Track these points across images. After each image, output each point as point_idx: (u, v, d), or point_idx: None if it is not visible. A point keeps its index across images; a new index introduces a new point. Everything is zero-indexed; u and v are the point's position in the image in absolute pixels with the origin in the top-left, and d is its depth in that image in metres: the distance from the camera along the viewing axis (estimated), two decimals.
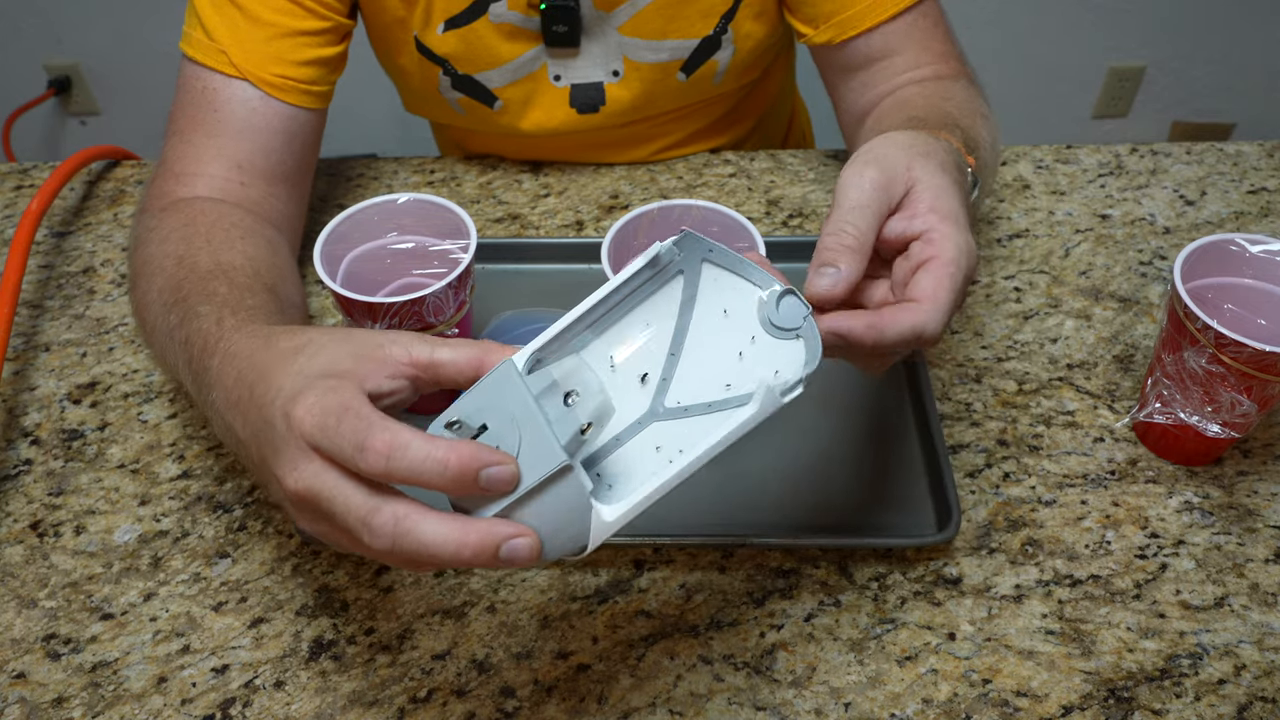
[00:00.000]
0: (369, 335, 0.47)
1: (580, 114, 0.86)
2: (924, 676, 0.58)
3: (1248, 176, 0.89)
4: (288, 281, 0.67)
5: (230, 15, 0.73)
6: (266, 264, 0.66)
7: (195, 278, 0.61)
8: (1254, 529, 0.65)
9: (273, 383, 0.46)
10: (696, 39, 0.82)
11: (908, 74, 0.78)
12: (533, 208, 0.88)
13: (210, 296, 0.58)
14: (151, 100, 0.74)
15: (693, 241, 0.48)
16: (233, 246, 0.65)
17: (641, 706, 0.57)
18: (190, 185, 0.72)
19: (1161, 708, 0.57)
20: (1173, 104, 2.28)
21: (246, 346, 0.51)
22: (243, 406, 0.48)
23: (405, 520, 0.42)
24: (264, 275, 0.64)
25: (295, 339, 0.48)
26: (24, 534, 0.67)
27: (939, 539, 0.62)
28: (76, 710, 0.58)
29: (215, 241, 0.65)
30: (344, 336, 0.47)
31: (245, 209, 0.72)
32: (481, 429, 0.43)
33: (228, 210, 0.70)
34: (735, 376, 0.47)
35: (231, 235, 0.66)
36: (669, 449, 0.47)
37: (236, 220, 0.69)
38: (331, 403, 0.43)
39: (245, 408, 0.48)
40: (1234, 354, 0.59)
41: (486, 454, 0.41)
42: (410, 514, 0.42)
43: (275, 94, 0.73)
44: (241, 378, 0.49)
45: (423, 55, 0.83)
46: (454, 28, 0.80)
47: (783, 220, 0.86)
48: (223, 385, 0.51)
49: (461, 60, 0.82)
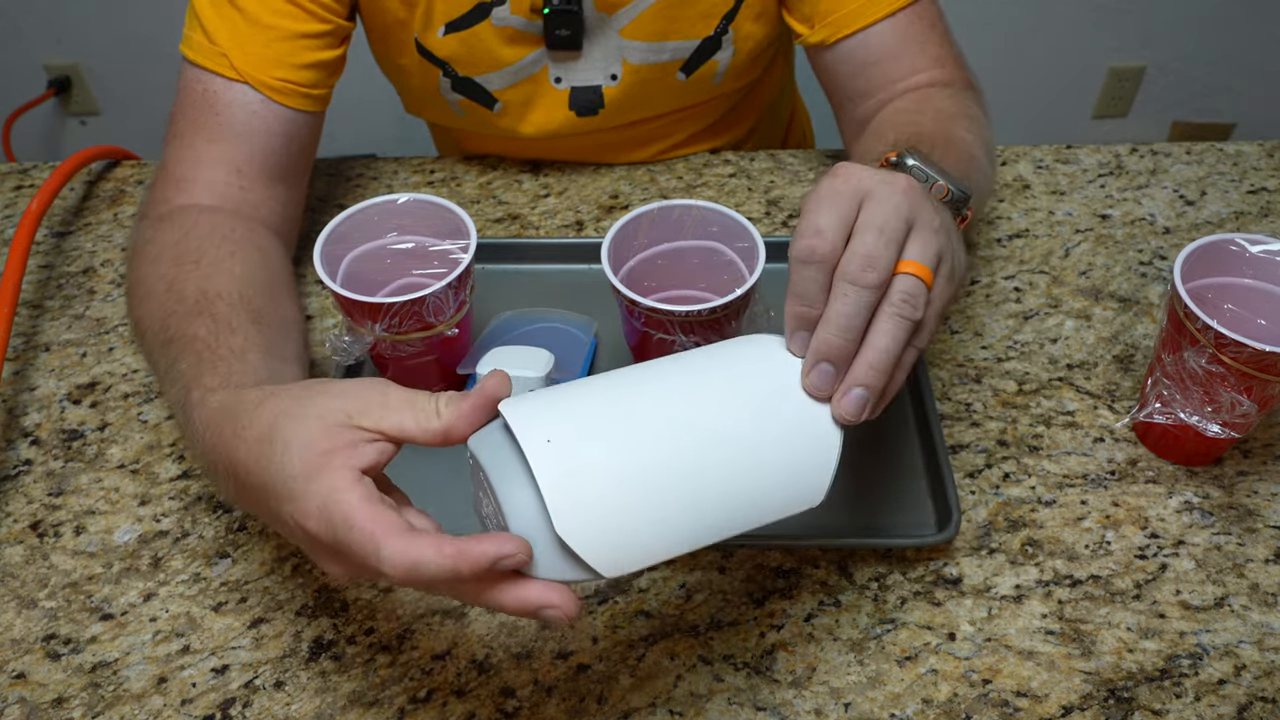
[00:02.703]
0: (335, 403, 0.47)
1: (580, 116, 0.86)
2: (924, 677, 0.58)
3: (1248, 176, 0.90)
4: (277, 297, 0.67)
5: (231, 18, 0.72)
6: (257, 283, 0.65)
7: (181, 312, 0.62)
8: (1254, 529, 0.65)
9: (265, 485, 0.47)
10: (697, 40, 0.82)
11: (904, 80, 0.78)
12: (533, 208, 0.88)
13: (189, 345, 0.59)
14: (151, 100, 0.74)
15: None
16: (221, 267, 0.65)
17: (641, 707, 0.57)
18: (189, 191, 0.72)
19: (1161, 708, 0.57)
20: (1173, 104, 2.28)
21: (215, 432, 0.52)
22: (246, 499, 0.51)
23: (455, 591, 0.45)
24: (252, 300, 0.63)
25: (259, 425, 0.48)
26: (24, 534, 0.67)
27: (939, 539, 0.62)
28: (76, 710, 0.58)
29: (204, 263, 0.65)
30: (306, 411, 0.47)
31: (243, 215, 0.72)
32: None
33: (223, 220, 0.70)
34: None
35: (222, 253, 0.66)
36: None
37: (229, 232, 0.68)
38: (336, 516, 0.44)
39: (252, 503, 0.51)
40: (1234, 354, 0.59)
41: (493, 548, 0.42)
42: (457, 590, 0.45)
43: (276, 97, 0.73)
44: (229, 470, 0.51)
45: (423, 57, 0.83)
46: (455, 31, 0.80)
47: (783, 220, 0.86)
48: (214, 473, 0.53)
49: (462, 63, 0.82)
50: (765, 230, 0.85)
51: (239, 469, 0.49)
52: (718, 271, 0.69)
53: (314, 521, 0.45)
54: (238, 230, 0.69)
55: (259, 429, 0.48)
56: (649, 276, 0.70)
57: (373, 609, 0.62)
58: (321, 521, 0.44)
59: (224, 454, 0.50)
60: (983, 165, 0.69)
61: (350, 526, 0.43)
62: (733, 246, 0.68)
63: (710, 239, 0.69)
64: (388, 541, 0.43)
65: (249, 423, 0.49)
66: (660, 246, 0.69)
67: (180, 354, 0.59)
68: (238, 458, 0.49)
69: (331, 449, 0.45)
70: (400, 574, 0.43)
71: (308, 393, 0.49)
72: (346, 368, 0.72)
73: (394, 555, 0.42)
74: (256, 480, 0.48)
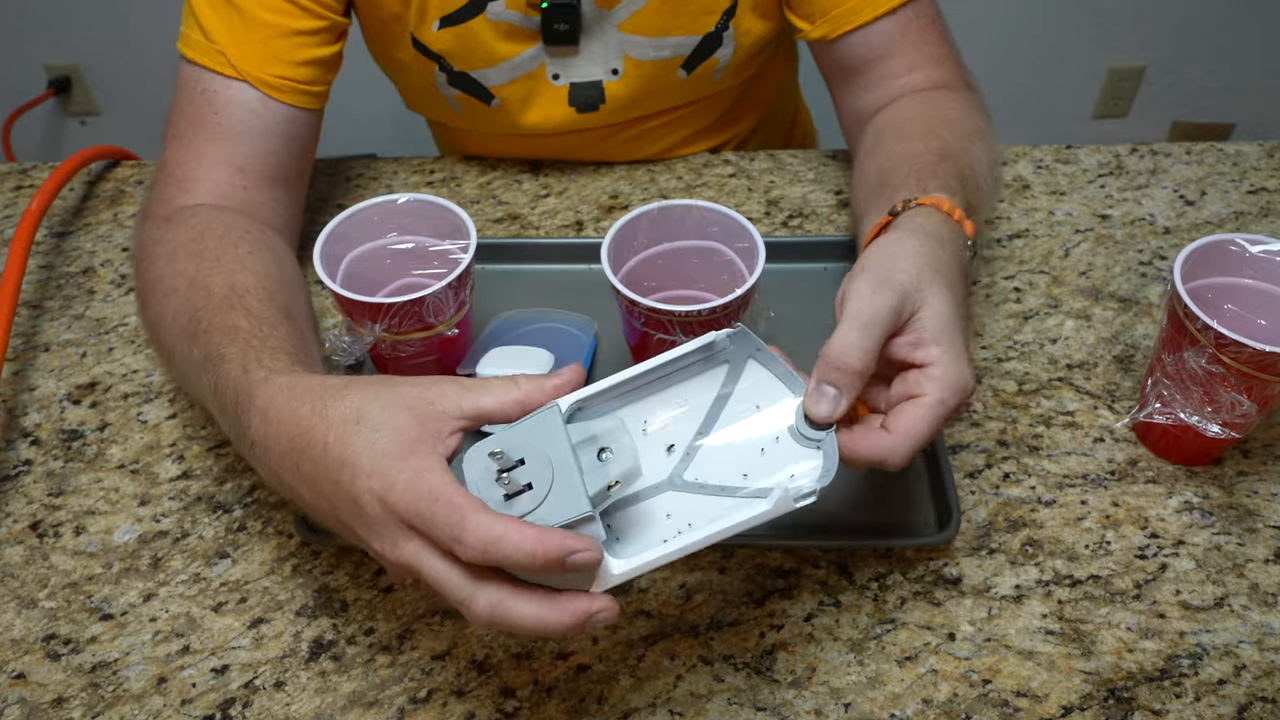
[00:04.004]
0: (417, 391, 0.49)
1: (580, 113, 0.86)
2: (924, 677, 0.58)
3: (1248, 176, 0.89)
4: (297, 296, 0.67)
5: (227, 16, 0.72)
6: (278, 281, 0.65)
7: (212, 306, 0.61)
8: (1254, 529, 0.65)
9: (346, 461, 0.48)
10: (698, 36, 0.82)
11: (904, 79, 0.78)
12: (532, 208, 0.88)
13: (232, 335, 0.59)
14: (151, 100, 0.74)
15: (744, 338, 0.52)
16: (243, 265, 0.65)
17: (641, 707, 0.57)
18: (193, 191, 0.72)
19: (1161, 708, 0.57)
20: (1173, 104, 2.28)
21: (288, 408, 0.52)
22: (308, 476, 0.50)
23: (500, 607, 0.46)
24: (278, 297, 0.63)
25: (344, 405, 0.50)
26: (24, 534, 0.67)
27: (939, 539, 0.62)
28: (76, 710, 0.58)
29: (226, 260, 0.65)
30: (394, 399, 0.49)
31: (249, 215, 0.71)
32: (519, 462, 0.47)
33: (233, 219, 0.69)
34: (753, 468, 0.52)
35: (240, 250, 0.66)
36: (679, 519, 0.51)
37: (243, 232, 0.68)
38: (423, 489, 0.46)
39: (314, 480, 0.50)
40: (1234, 354, 0.59)
41: (571, 542, 0.44)
42: (504, 600, 0.46)
43: (274, 95, 0.73)
44: (296, 446, 0.50)
45: (419, 52, 0.83)
46: (450, 25, 0.80)
47: (782, 220, 0.86)
48: (271, 449, 0.52)
49: (458, 57, 0.82)
50: (765, 230, 0.85)
51: (315, 445, 0.49)
52: (718, 271, 0.69)
53: (399, 493, 0.46)
54: (250, 230, 0.69)
55: (344, 409, 0.49)
56: (649, 276, 0.70)
57: (373, 609, 0.62)
58: (408, 493, 0.46)
59: (296, 430, 0.51)
60: (991, 187, 0.71)
61: (436, 499, 0.45)
62: (732, 246, 0.68)
63: (710, 239, 0.69)
64: (474, 515, 0.44)
65: (333, 402, 0.50)
66: (660, 246, 0.69)
67: (223, 341, 0.58)
68: (315, 434, 0.50)
69: (422, 435, 0.48)
70: (480, 545, 0.44)
71: (390, 382, 0.51)
72: (346, 368, 0.72)
73: (478, 527, 0.44)
74: (335, 456, 0.48)
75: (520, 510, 0.46)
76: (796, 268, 0.80)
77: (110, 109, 2.31)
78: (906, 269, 0.54)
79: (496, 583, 0.46)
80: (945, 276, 0.55)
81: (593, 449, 0.48)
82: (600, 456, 0.48)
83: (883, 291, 0.52)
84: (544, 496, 0.46)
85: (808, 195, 0.89)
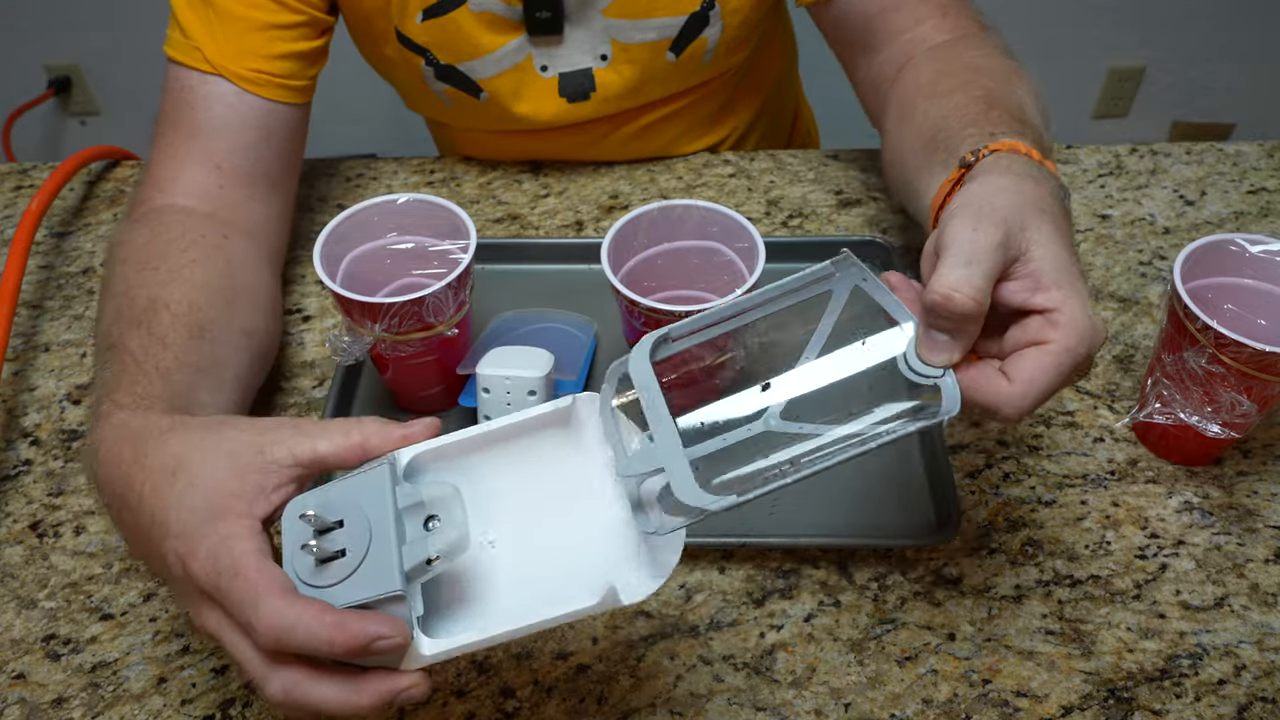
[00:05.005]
0: (246, 438, 0.47)
1: (571, 103, 0.85)
2: (924, 677, 0.58)
3: (1248, 176, 0.90)
4: (238, 307, 0.66)
5: (203, 12, 0.72)
6: (216, 292, 0.65)
7: (124, 320, 0.61)
8: (1254, 529, 0.65)
9: (157, 518, 0.46)
10: (684, 15, 0.81)
11: (913, 33, 0.75)
12: (532, 208, 0.88)
13: (119, 355, 0.58)
14: (151, 100, 0.74)
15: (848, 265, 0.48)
16: (178, 275, 0.64)
17: (641, 707, 0.57)
18: (168, 191, 0.71)
19: (1161, 708, 0.57)
20: (1173, 104, 2.28)
21: (114, 451, 0.51)
22: (128, 525, 0.50)
23: (296, 690, 0.43)
24: (202, 310, 0.63)
25: (164, 453, 0.48)
26: (24, 534, 0.67)
27: (939, 539, 0.62)
28: (76, 710, 0.58)
29: (163, 269, 0.64)
30: (218, 447, 0.47)
31: (218, 219, 0.70)
32: (337, 524, 0.44)
33: (195, 223, 0.69)
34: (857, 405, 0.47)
35: (183, 259, 0.65)
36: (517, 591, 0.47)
37: (198, 237, 0.67)
38: (224, 560, 0.43)
39: (134, 529, 0.49)
40: (1234, 354, 0.59)
41: (374, 628, 0.41)
42: (300, 683, 0.43)
43: (250, 89, 0.73)
44: (117, 492, 0.50)
45: (404, 46, 0.82)
46: (433, 16, 0.79)
47: (782, 220, 0.86)
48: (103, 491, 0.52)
49: (443, 50, 0.82)
50: (765, 230, 0.85)
51: (131, 495, 0.48)
52: (717, 272, 0.69)
53: (199, 563, 0.44)
54: (208, 235, 0.68)
55: (162, 458, 0.48)
56: (649, 276, 0.70)
57: None
58: (208, 563, 0.44)
59: (118, 476, 0.50)
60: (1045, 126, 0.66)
61: (235, 574, 0.43)
62: (732, 246, 0.68)
63: (710, 239, 0.69)
64: (267, 599, 0.42)
65: (152, 450, 0.48)
66: (660, 246, 0.69)
67: (108, 363, 0.58)
68: (133, 484, 0.48)
69: (239, 492, 0.45)
70: (272, 634, 0.41)
71: (220, 427, 0.48)
72: (346, 368, 0.72)
73: (271, 614, 0.41)
74: (148, 510, 0.47)
75: (329, 579, 0.43)
76: (797, 268, 0.80)
77: (110, 109, 2.31)
78: (1008, 205, 0.48)
79: (293, 665, 0.43)
80: (1050, 216, 0.49)
81: (419, 517, 0.44)
82: (427, 525, 0.44)
83: (984, 228, 0.46)
84: (355, 566, 0.43)
85: (808, 195, 0.89)
